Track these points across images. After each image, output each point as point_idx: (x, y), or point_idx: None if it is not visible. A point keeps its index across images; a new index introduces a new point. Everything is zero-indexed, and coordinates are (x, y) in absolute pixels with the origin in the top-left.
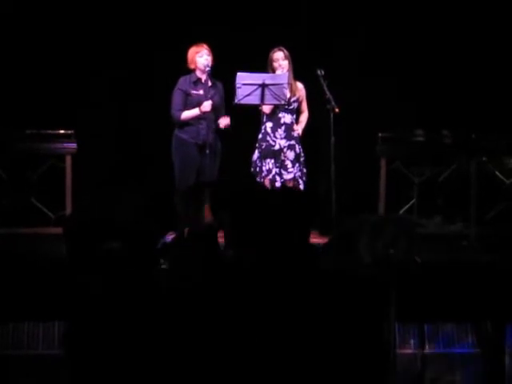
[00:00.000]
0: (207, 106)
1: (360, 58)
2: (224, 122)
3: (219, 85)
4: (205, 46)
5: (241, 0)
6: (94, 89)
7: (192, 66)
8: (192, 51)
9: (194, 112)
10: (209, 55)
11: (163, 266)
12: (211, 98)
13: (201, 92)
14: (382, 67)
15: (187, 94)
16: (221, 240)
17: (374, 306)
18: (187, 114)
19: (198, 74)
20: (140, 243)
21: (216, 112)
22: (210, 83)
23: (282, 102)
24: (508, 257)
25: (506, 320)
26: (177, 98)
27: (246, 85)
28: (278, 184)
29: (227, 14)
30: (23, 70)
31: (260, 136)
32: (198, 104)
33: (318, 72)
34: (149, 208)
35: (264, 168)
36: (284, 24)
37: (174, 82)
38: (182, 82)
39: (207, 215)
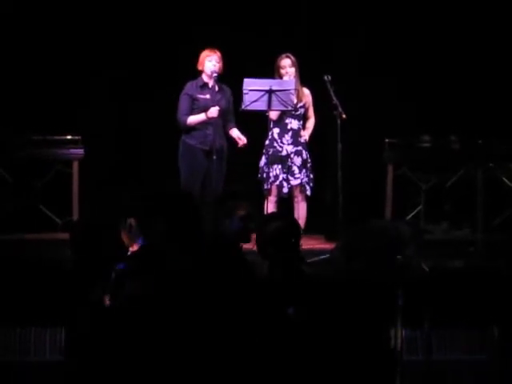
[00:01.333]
0: (214, 111)
1: (365, 64)
2: (240, 141)
3: (227, 89)
4: (217, 52)
5: (243, 5)
6: (95, 92)
7: (200, 68)
8: (204, 54)
9: (201, 117)
10: (218, 62)
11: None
12: (218, 103)
13: (207, 96)
14: (387, 72)
15: (194, 99)
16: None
17: (381, 312)
18: (193, 119)
19: (205, 78)
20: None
21: (224, 117)
22: (216, 88)
23: (289, 108)
24: None
25: None
26: (183, 103)
27: (253, 91)
28: (285, 190)
29: (230, 17)
30: (25, 73)
31: (267, 142)
32: (205, 109)
33: (325, 78)
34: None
35: (271, 174)
36: (289, 30)
37: (177, 83)
38: (189, 86)
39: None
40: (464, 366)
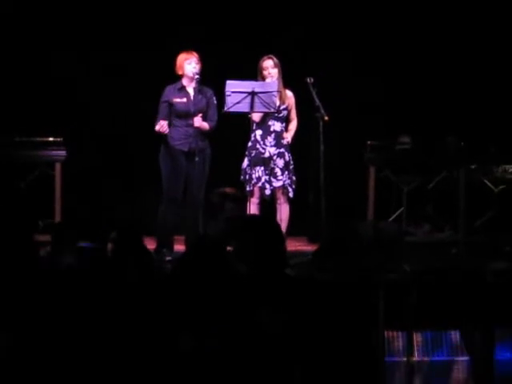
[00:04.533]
0: (163, 126)
1: (347, 66)
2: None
3: (207, 91)
4: (195, 53)
5: (230, 7)
6: (78, 93)
7: (180, 72)
8: (181, 57)
9: (156, 128)
10: (197, 63)
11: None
12: (196, 105)
13: (184, 100)
14: (370, 74)
15: (171, 104)
16: None
17: (363, 313)
18: (156, 128)
19: (184, 81)
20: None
21: (204, 117)
22: (197, 90)
23: (272, 110)
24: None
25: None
26: (160, 110)
27: (236, 93)
28: (267, 192)
29: (217, 21)
30: (8, 74)
31: (250, 144)
32: (182, 113)
33: (308, 80)
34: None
35: (254, 176)
36: (273, 31)
37: (162, 84)
38: (167, 91)
39: None
40: (446, 368)
